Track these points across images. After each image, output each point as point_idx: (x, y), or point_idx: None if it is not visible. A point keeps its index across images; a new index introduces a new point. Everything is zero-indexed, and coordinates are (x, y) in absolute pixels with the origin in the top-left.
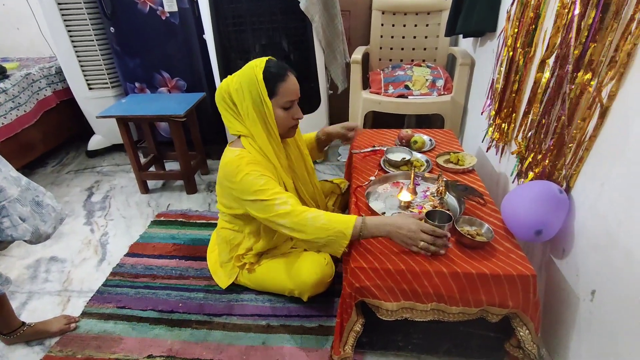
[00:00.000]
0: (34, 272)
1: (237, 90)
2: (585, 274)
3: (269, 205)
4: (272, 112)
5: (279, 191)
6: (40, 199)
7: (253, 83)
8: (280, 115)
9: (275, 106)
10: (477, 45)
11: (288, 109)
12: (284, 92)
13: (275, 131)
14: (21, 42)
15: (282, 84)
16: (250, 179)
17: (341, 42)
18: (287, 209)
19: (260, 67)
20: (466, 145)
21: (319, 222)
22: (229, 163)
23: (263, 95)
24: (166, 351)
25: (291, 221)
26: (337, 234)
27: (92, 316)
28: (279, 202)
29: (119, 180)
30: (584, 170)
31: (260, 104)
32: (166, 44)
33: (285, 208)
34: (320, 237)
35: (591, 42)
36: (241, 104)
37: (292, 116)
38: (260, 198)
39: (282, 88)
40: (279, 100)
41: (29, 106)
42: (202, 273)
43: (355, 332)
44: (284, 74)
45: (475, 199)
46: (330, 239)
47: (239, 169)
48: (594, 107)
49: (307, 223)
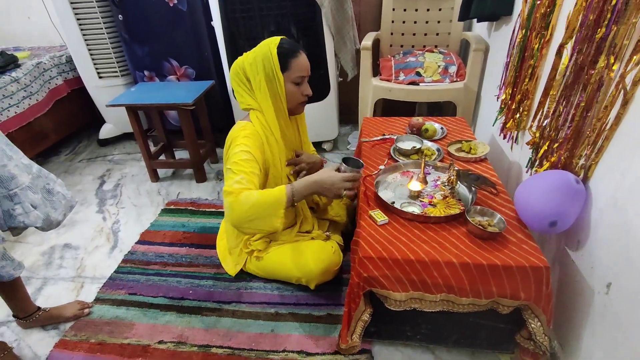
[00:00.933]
0: (49, 258)
1: (251, 65)
2: (601, 267)
3: (230, 178)
4: (283, 85)
5: (249, 172)
6: (51, 186)
7: (267, 57)
8: (291, 90)
9: (287, 80)
10: (492, 29)
11: (298, 84)
12: (295, 67)
13: (284, 104)
14: (32, 31)
15: (294, 59)
16: (236, 150)
17: (351, 27)
18: (233, 188)
19: (275, 43)
20: (479, 134)
21: (252, 199)
22: (230, 134)
23: (276, 68)
24: (177, 337)
25: (230, 200)
26: (272, 205)
27: (104, 302)
28: (237, 179)
29: (129, 169)
30: (604, 160)
31: (273, 78)
32: (174, 31)
33: (233, 187)
34: (255, 213)
35: (614, 25)
36: (254, 77)
37: (301, 92)
38: (232, 168)
39: (294, 63)
40: (290, 75)
41: (40, 95)
42: (212, 261)
43: (363, 321)
44: (296, 50)
45: (487, 189)
46: (265, 212)
47: (235, 139)
48: (617, 94)
49: (242, 202)
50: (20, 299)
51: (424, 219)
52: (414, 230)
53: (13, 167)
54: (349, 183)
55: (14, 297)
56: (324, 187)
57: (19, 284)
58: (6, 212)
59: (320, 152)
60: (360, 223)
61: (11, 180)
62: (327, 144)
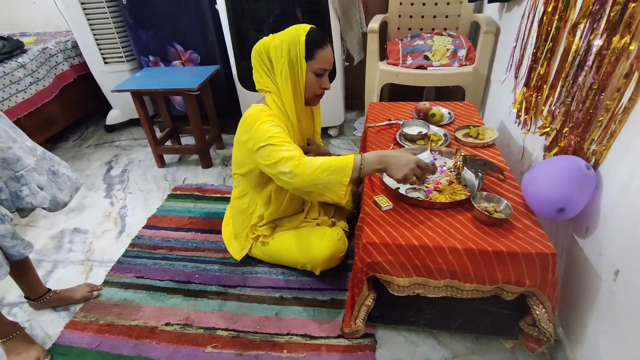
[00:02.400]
0: (59, 242)
1: (276, 47)
2: (609, 254)
3: (275, 150)
4: (304, 73)
5: (290, 141)
6: (56, 168)
7: (294, 42)
8: (311, 80)
9: (309, 69)
10: (504, 11)
11: (319, 76)
12: (319, 59)
13: (302, 92)
14: (37, 17)
15: (320, 50)
16: (267, 126)
17: (357, 10)
18: (291, 154)
19: (305, 30)
20: (488, 119)
21: (318, 162)
22: (249, 116)
23: (301, 55)
24: (183, 319)
25: (292, 164)
26: (336, 171)
27: (113, 285)
28: (285, 148)
29: (136, 155)
30: (616, 145)
31: (296, 63)
32: (179, 15)
33: (289, 153)
34: (319, 177)
35: (631, 2)
36: (277, 60)
37: (320, 84)
38: (269, 143)
39: (319, 54)
40: (313, 65)
41: (47, 81)
42: (218, 246)
43: (367, 306)
44: (324, 42)
45: (494, 175)
46: (330, 178)
47: (257, 119)
48: (632, 76)
49: (307, 165)
50: (31, 281)
51: (429, 204)
52: (419, 216)
53: (18, 149)
54: (420, 170)
55: (25, 279)
56: (395, 164)
57: (29, 265)
58: (14, 194)
59: (326, 138)
60: (364, 209)
61: (17, 162)
62: (333, 129)
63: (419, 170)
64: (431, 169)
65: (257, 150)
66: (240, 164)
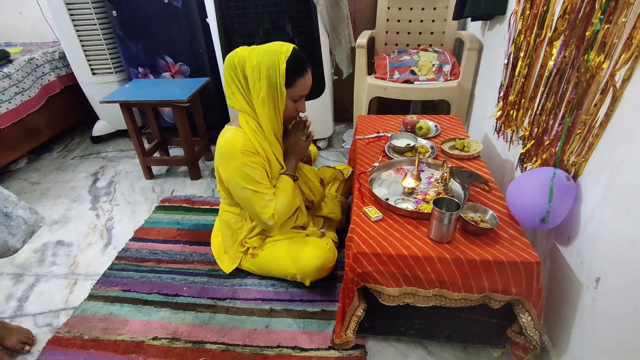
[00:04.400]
0: (41, 255)
1: (253, 68)
2: (590, 262)
3: (260, 198)
4: (284, 100)
5: (269, 185)
6: (10, 210)
7: (274, 68)
8: (288, 106)
9: (288, 96)
10: (486, 29)
11: (296, 101)
12: (299, 86)
13: (280, 117)
14: (24, 27)
15: (301, 79)
16: (246, 171)
17: (346, 25)
18: (272, 208)
19: (286, 55)
20: (472, 132)
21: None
22: (225, 145)
23: (280, 83)
24: (171, 333)
25: (272, 222)
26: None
27: (98, 299)
28: (268, 198)
29: (123, 166)
30: (594, 157)
31: (276, 90)
32: (169, 27)
33: (271, 206)
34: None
35: (605, 23)
36: (255, 83)
37: (296, 108)
38: (253, 189)
39: (299, 83)
40: (292, 93)
41: (33, 91)
42: (206, 258)
43: (357, 316)
44: (304, 69)
45: (480, 186)
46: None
47: (234, 153)
48: (607, 92)
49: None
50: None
51: (417, 215)
52: (408, 226)
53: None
54: (301, 132)
55: None
56: (293, 149)
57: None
58: None
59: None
60: (354, 219)
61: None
62: (322, 141)
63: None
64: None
65: (238, 187)
66: (223, 185)
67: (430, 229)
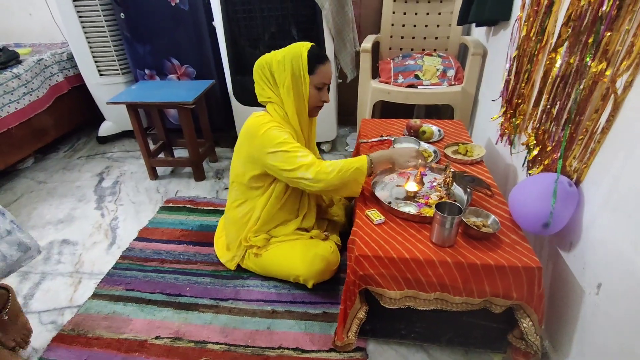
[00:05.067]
0: (47, 253)
1: (279, 62)
2: (592, 267)
3: (292, 156)
4: (308, 86)
5: (300, 146)
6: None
7: (297, 57)
8: (312, 94)
9: (311, 84)
10: (490, 34)
11: (319, 89)
12: (320, 73)
13: (306, 103)
14: (33, 28)
15: (321, 66)
16: (274, 132)
17: (351, 30)
18: (309, 161)
19: (306, 47)
20: (476, 137)
21: (336, 167)
22: (252, 123)
23: (304, 69)
24: (173, 333)
25: (313, 171)
26: (354, 173)
27: (102, 297)
28: (301, 154)
29: (128, 167)
30: (596, 163)
31: (299, 77)
32: (176, 30)
33: (306, 160)
34: (339, 180)
35: (607, 31)
36: (280, 74)
37: (320, 97)
38: (283, 149)
39: (320, 70)
40: (314, 79)
41: (41, 92)
42: (209, 258)
43: (359, 319)
44: (324, 58)
45: (482, 190)
46: (349, 179)
47: (261, 125)
48: (608, 98)
49: (327, 170)
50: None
51: (419, 219)
52: (410, 229)
53: None
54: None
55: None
56: (399, 154)
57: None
58: None
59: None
60: (357, 222)
61: None
62: (325, 144)
63: (417, 157)
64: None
65: (267, 154)
66: (240, 172)
67: (432, 233)
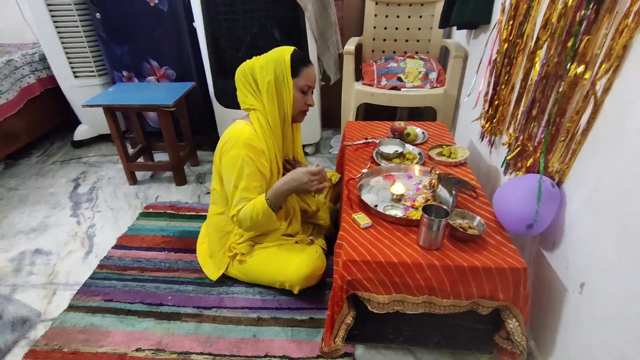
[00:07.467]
0: (18, 265)
1: (261, 67)
2: (575, 267)
3: (234, 196)
4: (291, 90)
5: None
6: None
7: (280, 62)
8: (297, 97)
9: (295, 87)
10: (471, 37)
11: (304, 93)
12: (304, 76)
13: (289, 109)
14: (3, 28)
15: (305, 68)
16: (242, 163)
17: (334, 32)
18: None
19: (289, 50)
20: (459, 138)
21: (248, 215)
22: (230, 134)
23: (287, 73)
24: (155, 344)
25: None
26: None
27: (78, 309)
28: (238, 199)
29: (106, 171)
30: (577, 164)
31: (283, 81)
32: (155, 31)
33: (236, 209)
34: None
35: (585, 35)
36: (263, 79)
37: (305, 101)
38: (234, 184)
39: (304, 72)
40: (298, 82)
41: (11, 94)
42: (192, 265)
43: (346, 324)
44: (307, 61)
45: (467, 192)
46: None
47: (236, 146)
48: (588, 101)
49: (242, 223)
50: None
51: (406, 222)
52: (397, 233)
53: None
54: (315, 177)
55: None
56: (294, 186)
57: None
58: None
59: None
60: (343, 226)
61: None
62: (309, 147)
63: (313, 177)
64: (323, 172)
65: (227, 177)
66: (219, 180)
67: (420, 236)
